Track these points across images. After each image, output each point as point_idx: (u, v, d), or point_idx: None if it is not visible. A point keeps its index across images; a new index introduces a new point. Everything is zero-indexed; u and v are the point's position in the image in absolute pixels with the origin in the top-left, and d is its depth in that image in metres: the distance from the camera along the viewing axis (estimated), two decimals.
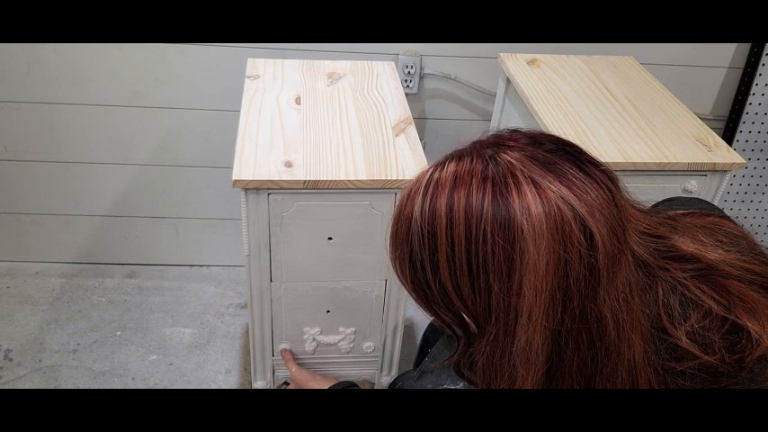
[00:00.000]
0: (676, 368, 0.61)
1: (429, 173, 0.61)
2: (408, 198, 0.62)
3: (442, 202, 0.58)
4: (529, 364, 0.57)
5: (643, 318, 0.60)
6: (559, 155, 0.59)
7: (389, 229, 0.65)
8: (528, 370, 0.57)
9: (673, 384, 0.62)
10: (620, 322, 0.58)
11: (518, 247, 0.55)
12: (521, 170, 0.57)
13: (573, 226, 0.55)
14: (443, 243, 0.58)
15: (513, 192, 0.56)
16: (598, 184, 0.58)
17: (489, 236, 0.56)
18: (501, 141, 0.61)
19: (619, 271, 0.57)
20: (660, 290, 0.62)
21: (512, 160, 0.58)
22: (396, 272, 0.65)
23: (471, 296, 0.59)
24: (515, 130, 0.63)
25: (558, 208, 0.55)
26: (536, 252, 0.55)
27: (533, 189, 0.56)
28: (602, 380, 0.59)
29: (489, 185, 0.57)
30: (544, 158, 0.58)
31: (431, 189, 0.59)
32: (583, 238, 0.55)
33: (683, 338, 0.60)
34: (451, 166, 0.60)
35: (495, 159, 0.58)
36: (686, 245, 0.65)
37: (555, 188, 0.56)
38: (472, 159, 0.59)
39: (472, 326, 0.63)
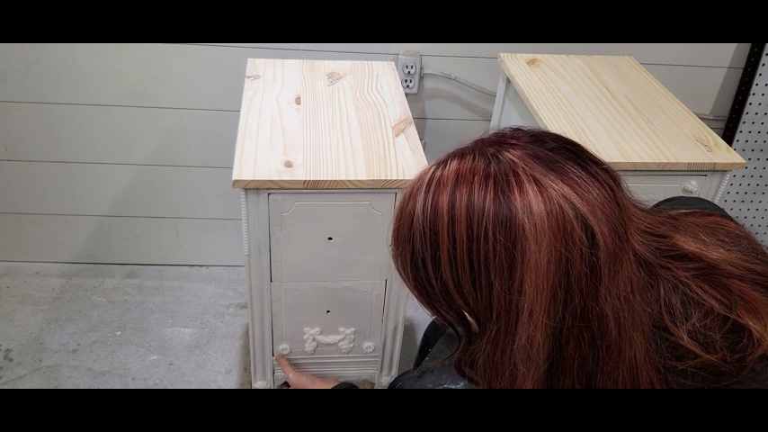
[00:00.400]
0: (678, 367, 0.61)
1: (431, 171, 0.61)
2: (410, 196, 0.62)
3: (444, 200, 0.58)
4: (530, 361, 0.57)
5: (644, 316, 0.60)
6: (561, 153, 0.59)
7: (391, 227, 0.65)
8: (529, 368, 0.57)
9: (674, 383, 0.62)
10: (622, 321, 0.58)
11: (519, 246, 0.55)
12: (522, 168, 0.57)
13: (574, 224, 0.55)
14: (445, 241, 0.58)
15: (515, 190, 0.56)
16: (600, 182, 0.58)
17: (491, 234, 0.56)
18: (503, 140, 0.61)
19: (620, 269, 0.58)
20: (662, 289, 0.62)
21: (514, 158, 0.58)
22: (397, 269, 0.65)
23: (473, 294, 0.59)
24: (517, 129, 0.63)
25: (560, 206, 0.55)
26: (537, 250, 0.55)
27: (535, 187, 0.56)
28: (602, 378, 0.59)
29: (491, 183, 0.57)
30: (546, 157, 0.58)
31: (433, 187, 0.60)
32: (584, 237, 0.56)
33: (685, 337, 0.61)
34: (453, 164, 0.60)
35: (498, 157, 0.59)
36: (688, 244, 0.65)
37: (557, 186, 0.56)
38: (474, 157, 0.59)
39: (473, 324, 0.63)
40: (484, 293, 0.58)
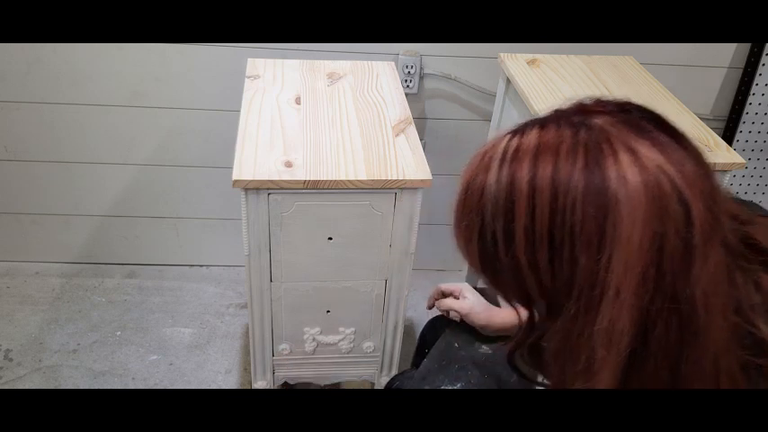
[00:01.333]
0: (756, 362, 0.57)
1: (506, 139, 0.58)
2: (481, 165, 0.58)
3: (524, 170, 0.54)
4: (611, 345, 0.53)
5: (729, 303, 0.56)
6: (652, 123, 0.56)
7: (455, 199, 0.61)
8: (609, 351, 0.53)
9: (754, 379, 0.58)
10: (710, 306, 0.54)
11: (611, 218, 0.52)
12: (616, 136, 0.54)
13: (672, 198, 0.52)
14: (522, 213, 0.54)
15: (609, 159, 0.52)
16: (693, 156, 0.54)
17: (578, 205, 0.52)
18: (588, 108, 0.58)
19: (711, 250, 0.53)
20: (742, 276, 0.58)
21: (604, 126, 0.54)
22: (458, 245, 0.61)
23: (549, 271, 0.55)
24: (600, 99, 0.60)
25: (657, 178, 0.52)
26: (631, 224, 0.51)
27: (630, 156, 0.52)
28: (687, 367, 0.54)
29: (581, 151, 0.53)
30: (638, 125, 0.55)
31: (509, 156, 0.56)
32: (681, 212, 0.52)
33: (764, 329, 0.57)
34: (534, 133, 0.56)
35: (586, 125, 0.55)
36: (764, 237, 0.61)
37: (653, 156, 0.52)
38: (559, 125, 0.56)
39: (540, 308, 0.60)
40: (564, 270, 0.55)
